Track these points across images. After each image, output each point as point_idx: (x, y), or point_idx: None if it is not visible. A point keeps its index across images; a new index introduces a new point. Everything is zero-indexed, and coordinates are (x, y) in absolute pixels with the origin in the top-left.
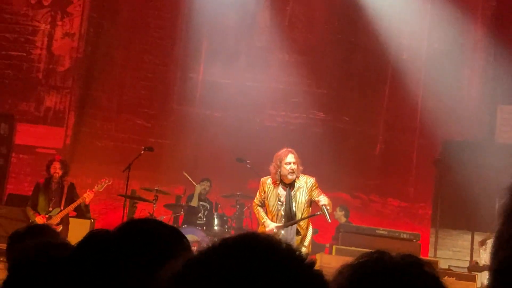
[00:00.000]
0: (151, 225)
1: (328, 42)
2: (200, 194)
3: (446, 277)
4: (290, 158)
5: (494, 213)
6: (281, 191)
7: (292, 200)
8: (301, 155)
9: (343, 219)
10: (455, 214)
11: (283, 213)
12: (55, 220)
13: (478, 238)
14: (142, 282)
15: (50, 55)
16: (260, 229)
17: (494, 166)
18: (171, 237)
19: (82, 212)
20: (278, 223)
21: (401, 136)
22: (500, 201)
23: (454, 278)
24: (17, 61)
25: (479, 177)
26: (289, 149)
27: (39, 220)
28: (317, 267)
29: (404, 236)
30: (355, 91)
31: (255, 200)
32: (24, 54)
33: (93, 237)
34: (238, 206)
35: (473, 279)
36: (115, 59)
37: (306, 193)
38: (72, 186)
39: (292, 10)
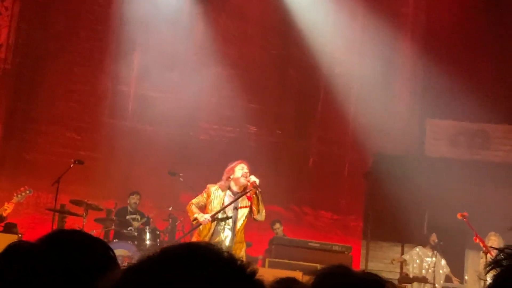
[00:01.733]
0: (76, 237)
1: (261, 57)
2: (130, 207)
3: None
4: (244, 165)
5: (423, 225)
6: (227, 198)
7: (233, 207)
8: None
9: (281, 233)
10: (385, 227)
11: (219, 216)
12: None
13: (407, 250)
14: None
15: None
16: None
17: (423, 179)
18: (97, 249)
19: None
20: (215, 227)
21: (333, 149)
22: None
23: None
24: None
25: (408, 190)
26: (243, 161)
27: None
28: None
29: (336, 248)
30: (288, 105)
31: (192, 200)
32: None
33: (13, 249)
34: (170, 220)
35: None
36: (44, 71)
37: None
38: None
39: (225, 24)
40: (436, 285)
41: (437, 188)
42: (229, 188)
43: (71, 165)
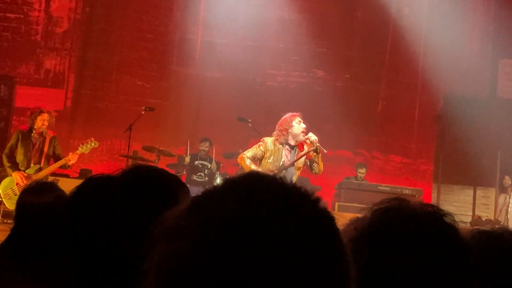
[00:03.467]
0: (155, 171)
1: (328, 0)
2: (200, 153)
3: None
4: (300, 118)
5: (495, 167)
6: (286, 153)
7: (293, 164)
8: (302, 114)
9: (362, 178)
10: (456, 169)
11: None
12: (35, 179)
13: (480, 192)
14: (144, 227)
15: (49, 17)
16: None
17: (495, 120)
18: (175, 184)
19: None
20: None
21: (402, 92)
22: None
23: None
24: (15, 23)
25: (480, 132)
26: (298, 114)
27: (17, 177)
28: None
29: (407, 192)
30: (356, 49)
31: (245, 154)
32: (22, 16)
33: (93, 180)
34: (240, 165)
35: None
36: (114, 20)
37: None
38: (54, 140)
39: None
40: (510, 226)
41: (510, 130)
42: (287, 142)
43: (142, 112)
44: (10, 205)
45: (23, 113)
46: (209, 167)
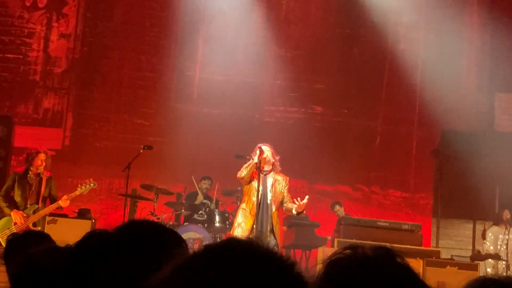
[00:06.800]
0: (151, 227)
1: (324, 36)
2: (200, 192)
3: (448, 267)
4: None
5: (494, 201)
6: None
7: (268, 189)
8: (301, 150)
9: (342, 213)
10: (456, 204)
11: (256, 199)
12: (32, 220)
13: (479, 227)
14: (139, 283)
15: (47, 57)
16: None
17: (493, 154)
18: (172, 240)
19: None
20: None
21: (400, 127)
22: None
23: (457, 268)
24: (14, 63)
25: (479, 166)
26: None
27: (16, 216)
28: (319, 260)
29: (406, 227)
30: (353, 84)
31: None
32: (21, 56)
33: (92, 237)
34: (238, 202)
35: (475, 268)
36: (111, 59)
37: (283, 187)
38: (50, 180)
39: (288, 4)
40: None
41: (508, 164)
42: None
43: (141, 151)
44: None
45: (22, 153)
46: (209, 205)
